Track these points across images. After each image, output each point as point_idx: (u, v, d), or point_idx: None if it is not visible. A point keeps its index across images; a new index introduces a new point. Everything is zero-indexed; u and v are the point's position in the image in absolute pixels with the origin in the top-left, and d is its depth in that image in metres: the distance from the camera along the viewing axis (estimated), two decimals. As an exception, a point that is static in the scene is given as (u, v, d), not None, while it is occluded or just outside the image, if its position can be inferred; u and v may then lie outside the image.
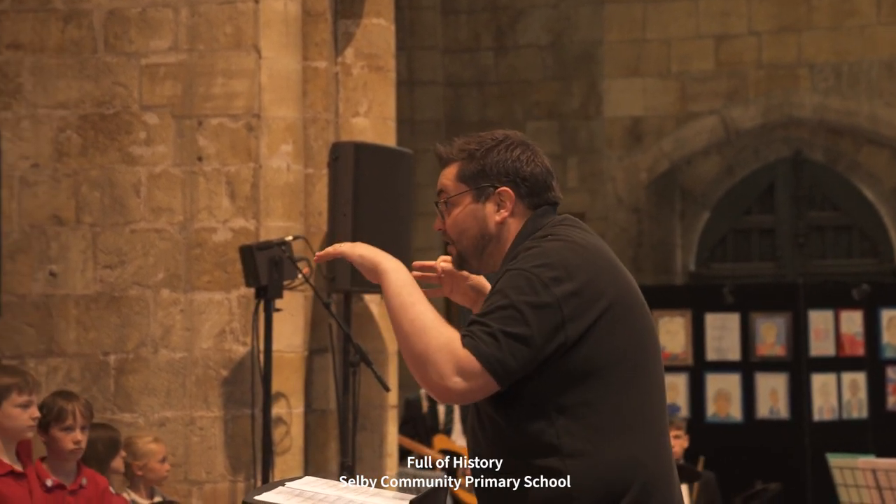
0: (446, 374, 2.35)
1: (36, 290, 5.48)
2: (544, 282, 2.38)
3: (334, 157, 5.37)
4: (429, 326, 2.39)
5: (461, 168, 2.57)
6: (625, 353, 2.43)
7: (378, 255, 2.53)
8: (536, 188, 2.56)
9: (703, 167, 9.93)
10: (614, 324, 2.42)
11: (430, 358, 2.36)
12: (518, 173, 2.55)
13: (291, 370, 5.46)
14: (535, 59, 9.98)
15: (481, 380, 2.36)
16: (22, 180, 5.53)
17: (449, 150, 2.60)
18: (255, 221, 5.41)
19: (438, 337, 2.38)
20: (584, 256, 2.44)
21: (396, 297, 2.44)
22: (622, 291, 2.46)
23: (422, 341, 2.38)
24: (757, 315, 8.45)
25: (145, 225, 5.47)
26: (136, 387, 5.40)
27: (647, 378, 2.47)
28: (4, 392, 4.07)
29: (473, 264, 2.58)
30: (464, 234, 2.56)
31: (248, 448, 5.30)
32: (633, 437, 2.41)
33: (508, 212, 2.55)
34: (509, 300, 2.38)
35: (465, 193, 2.56)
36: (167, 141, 5.47)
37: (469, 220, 2.55)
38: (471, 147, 2.57)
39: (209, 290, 5.42)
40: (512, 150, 2.56)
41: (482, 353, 2.36)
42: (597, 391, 2.40)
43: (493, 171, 2.55)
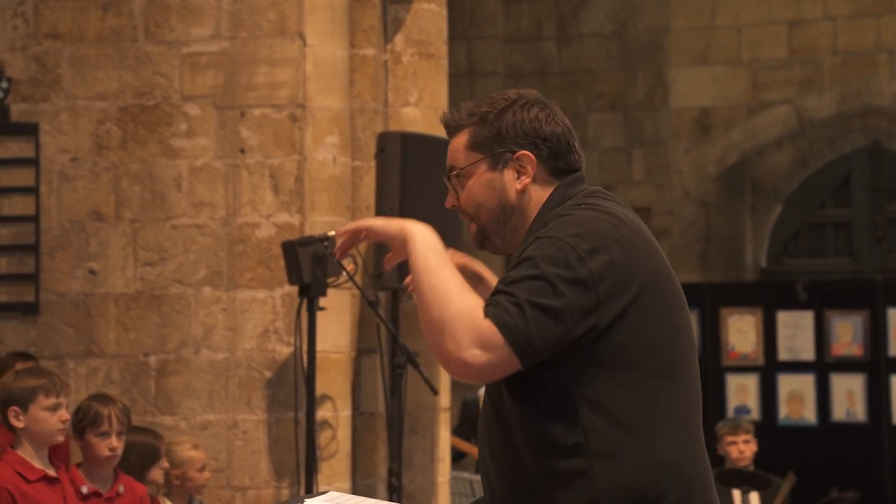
0: (463, 343, 2.08)
1: (75, 288, 5.30)
2: (580, 254, 2.11)
3: (381, 147, 5.12)
4: (450, 291, 2.12)
5: (473, 134, 2.28)
6: (660, 342, 2.15)
7: (404, 221, 2.28)
8: (559, 150, 2.28)
9: (775, 159, 9.54)
10: (649, 308, 2.14)
11: (448, 325, 2.09)
12: (538, 134, 2.26)
13: (338, 371, 5.23)
14: (599, 49, 9.67)
15: (502, 354, 2.08)
16: (61, 174, 5.35)
17: (457, 116, 2.31)
18: (300, 216, 5.19)
19: (459, 303, 2.11)
20: (620, 230, 2.17)
21: (421, 260, 2.18)
22: (659, 273, 2.18)
23: (441, 306, 2.10)
24: (832, 313, 8.09)
25: (186, 220, 5.26)
26: (178, 389, 5.20)
27: (682, 372, 2.19)
28: (31, 395, 3.89)
29: (496, 241, 2.30)
30: (481, 207, 2.28)
31: (293, 453, 5.07)
32: (668, 437, 2.13)
33: (530, 178, 2.27)
34: (539, 270, 2.10)
35: (479, 162, 2.27)
36: (209, 133, 5.26)
37: (486, 190, 2.27)
38: (482, 110, 2.28)
39: (252, 287, 5.20)
40: (529, 109, 2.27)
41: (505, 323, 2.08)
42: (629, 384, 2.12)
43: (509, 133, 2.26)
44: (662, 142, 9.45)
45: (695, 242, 9.33)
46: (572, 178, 2.29)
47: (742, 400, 8.13)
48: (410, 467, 5.30)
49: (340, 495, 2.45)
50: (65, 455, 4.78)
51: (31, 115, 5.37)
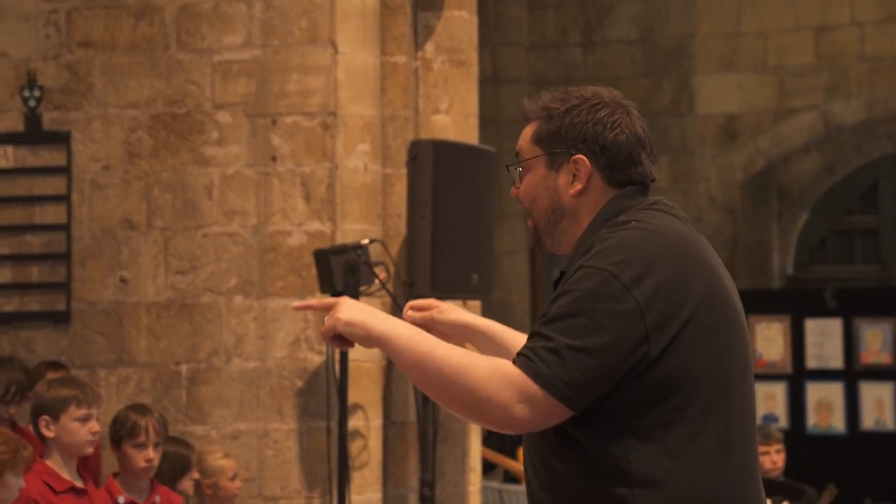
0: (508, 403, 2.01)
1: (106, 297, 5.30)
2: (625, 284, 2.02)
3: (412, 155, 5.11)
4: (462, 365, 2.03)
5: (538, 128, 2.20)
6: (712, 368, 2.06)
7: (367, 317, 2.15)
8: (618, 161, 2.16)
9: (801, 165, 9.49)
10: (701, 332, 2.05)
11: (482, 394, 2.01)
12: (598, 140, 2.16)
13: (369, 380, 5.21)
14: (625, 55, 9.63)
15: (545, 405, 2.00)
16: (92, 183, 5.35)
17: (532, 105, 2.23)
18: (332, 224, 5.17)
19: (479, 370, 2.03)
20: (669, 250, 2.07)
21: (409, 354, 2.08)
22: (712, 292, 2.09)
23: (463, 383, 2.02)
24: (861, 320, 8.04)
25: (218, 229, 5.25)
26: (209, 398, 5.19)
27: (734, 397, 2.10)
28: (62, 405, 3.87)
29: (546, 241, 2.23)
30: (535, 203, 2.21)
31: (324, 462, 5.05)
32: (717, 467, 2.06)
33: (582, 185, 2.17)
34: (579, 306, 2.01)
35: (538, 158, 2.20)
36: (240, 141, 5.25)
37: (540, 188, 2.20)
38: (552, 105, 2.20)
39: (283, 296, 5.18)
40: (596, 112, 2.17)
41: (542, 376, 2.00)
42: (676, 412, 2.04)
43: (569, 134, 2.16)
44: (688, 148, 9.40)
45: (721, 249, 9.28)
46: (630, 190, 2.19)
47: (770, 408, 8.08)
48: (442, 477, 5.27)
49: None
50: (95, 467, 4.77)
51: (63, 123, 5.37)
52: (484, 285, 5.05)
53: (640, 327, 2.02)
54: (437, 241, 4.93)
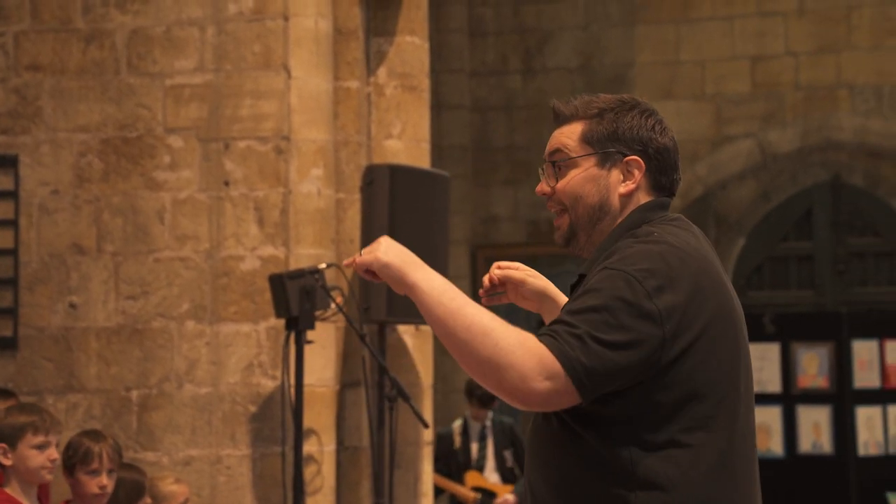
0: (530, 374, 2.03)
1: (55, 322, 5.23)
2: (647, 290, 2.07)
3: (368, 180, 5.12)
4: (491, 327, 2.06)
5: (588, 127, 2.24)
6: (720, 382, 2.13)
7: (404, 263, 2.18)
8: (666, 165, 2.24)
9: (738, 192, 9.65)
10: (712, 345, 2.12)
11: (505, 360, 2.04)
12: (651, 143, 2.23)
13: (323, 405, 5.19)
14: (565, 82, 9.74)
15: (563, 385, 2.04)
16: (41, 207, 5.29)
17: (571, 106, 2.28)
18: (285, 249, 5.16)
19: (507, 336, 2.06)
20: (689, 266, 2.12)
21: (439, 308, 2.10)
22: (723, 310, 2.15)
23: (489, 344, 2.05)
24: (798, 345, 8.18)
25: (170, 253, 5.22)
26: (160, 424, 5.14)
27: (739, 412, 2.15)
28: (19, 432, 3.81)
29: (582, 239, 2.26)
30: (580, 200, 2.24)
31: (278, 488, 5.02)
32: (720, 477, 2.11)
33: (635, 184, 2.23)
34: (605, 302, 2.06)
35: (589, 156, 2.24)
36: (192, 165, 5.22)
37: (589, 185, 2.23)
38: (600, 106, 2.25)
39: (236, 321, 5.16)
40: (647, 118, 2.24)
41: (566, 355, 2.04)
42: (684, 421, 2.10)
43: (625, 136, 2.22)
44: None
45: (661, 275, 9.39)
46: (652, 203, 2.24)
47: (711, 431, 8.17)
48: (395, 502, 5.26)
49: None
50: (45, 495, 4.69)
51: (10, 147, 5.30)
52: (439, 310, 5.07)
53: (658, 333, 2.07)
54: (392, 266, 4.94)
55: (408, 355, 5.56)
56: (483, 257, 9.87)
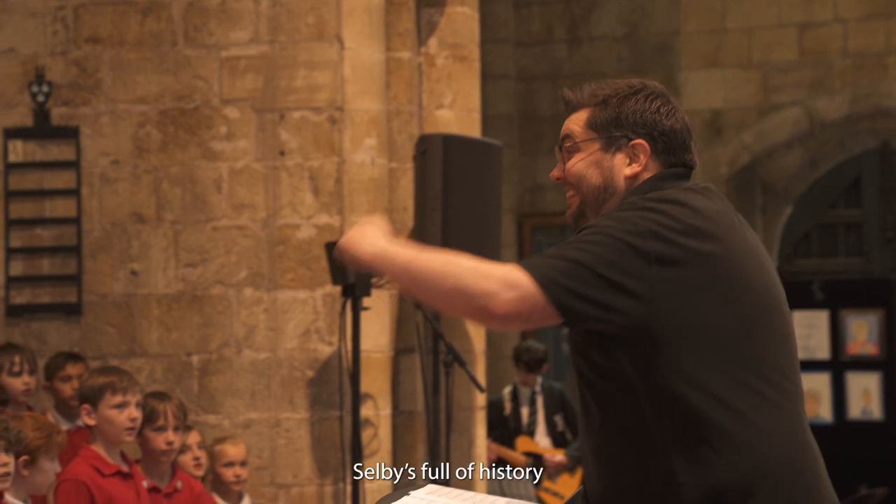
0: (493, 288, 2.12)
1: (117, 289, 5.36)
2: (641, 231, 2.14)
3: (421, 150, 5.19)
4: (446, 261, 2.17)
5: (592, 114, 2.34)
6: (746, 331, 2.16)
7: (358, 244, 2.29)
8: (673, 146, 2.32)
9: (785, 160, 9.64)
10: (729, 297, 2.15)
11: (467, 283, 2.13)
12: (656, 126, 2.31)
13: (378, 371, 5.30)
14: (610, 51, 9.75)
15: (531, 293, 2.11)
16: (102, 177, 5.41)
17: (579, 94, 2.37)
18: (340, 217, 5.25)
19: (464, 263, 2.16)
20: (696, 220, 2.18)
21: (396, 266, 2.22)
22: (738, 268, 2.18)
23: (448, 275, 2.15)
24: (847, 312, 8.19)
25: (227, 222, 5.33)
26: (220, 388, 5.26)
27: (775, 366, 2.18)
28: (99, 393, 3.97)
29: (590, 217, 2.33)
30: (583, 181, 2.33)
31: (336, 451, 5.14)
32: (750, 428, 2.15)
33: (641, 167, 2.31)
34: (593, 231, 2.17)
35: (592, 141, 2.33)
36: (248, 135, 5.32)
37: (592, 168, 2.32)
38: (605, 93, 2.34)
39: (293, 288, 5.26)
40: (651, 101, 2.32)
41: (533, 266, 2.13)
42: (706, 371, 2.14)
43: (628, 121, 2.31)
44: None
45: (708, 243, 9.41)
46: (669, 172, 2.31)
47: (758, 398, 8.22)
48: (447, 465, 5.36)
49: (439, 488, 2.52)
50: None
51: (71, 118, 5.42)
52: (492, 276, 5.15)
53: (644, 269, 2.12)
54: (446, 234, 5.03)
55: (460, 322, 5.64)
56: (529, 226, 9.93)
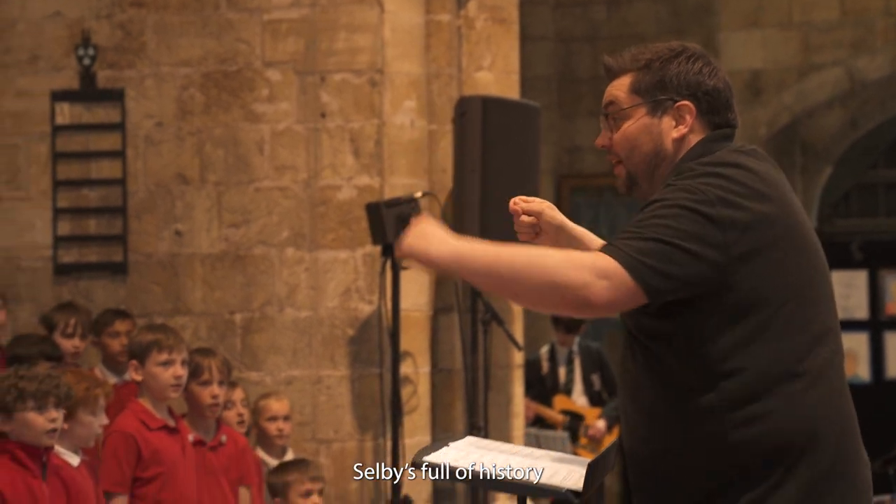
0: (586, 279, 2.12)
1: (162, 249, 5.48)
2: (711, 199, 2.17)
3: (461, 112, 5.25)
4: (535, 254, 2.17)
5: (636, 79, 2.35)
6: (794, 293, 2.21)
7: (427, 246, 2.26)
8: (718, 105, 2.34)
9: (825, 120, 9.60)
10: (782, 259, 2.20)
11: (558, 277, 2.13)
12: (700, 87, 2.33)
13: (417, 329, 5.39)
14: (649, 12, 9.72)
15: (623, 281, 2.13)
16: (147, 139, 5.52)
17: (620, 60, 2.39)
18: (380, 179, 5.33)
19: (552, 256, 2.17)
20: (752, 184, 2.22)
21: (475, 264, 2.20)
22: (793, 226, 2.24)
23: (536, 271, 2.14)
24: (887, 272, 8.20)
25: (269, 183, 5.42)
26: (263, 346, 5.38)
27: (819, 324, 2.24)
28: (146, 350, 4.08)
29: (644, 185, 2.37)
30: (635, 150, 2.35)
31: (376, 407, 5.25)
32: (805, 388, 2.20)
33: (687, 128, 2.33)
34: (665, 210, 2.17)
35: (638, 106, 2.34)
36: (290, 98, 5.40)
37: (642, 135, 2.34)
38: (647, 57, 2.36)
39: (334, 248, 5.36)
40: (693, 62, 2.34)
41: (621, 252, 2.13)
42: (765, 333, 2.19)
43: (672, 83, 2.33)
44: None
45: (747, 204, 9.40)
46: (717, 134, 2.34)
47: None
48: (488, 422, 5.45)
49: (479, 440, 2.60)
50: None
51: (116, 81, 5.52)
52: (530, 237, 5.22)
53: (719, 236, 2.16)
54: (485, 196, 5.10)
55: (498, 281, 5.72)
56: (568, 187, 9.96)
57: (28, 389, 3.45)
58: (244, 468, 4.43)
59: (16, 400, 3.44)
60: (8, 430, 3.48)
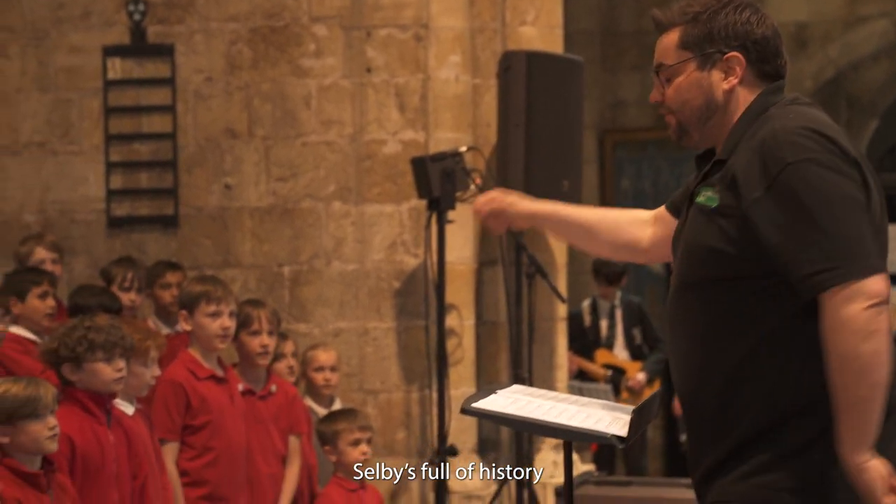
0: (870, 332, 2.15)
1: (212, 202, 5.58)
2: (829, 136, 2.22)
3: (505, 66, 5.29)
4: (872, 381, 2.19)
5: (684, 33, 2.38)
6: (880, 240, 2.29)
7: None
8: (767, 53, 2.37)
9: (871, 73, 9.53)
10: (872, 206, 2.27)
11: (874, 360, 2.17)
12: (748, 37, 2.36)
13: (462, 282, 5.47)
14: (694, -35, 9.65)
15: (875, 284, 2.17)
16: (196, 94, 5.60)
17: (669, 14, 2.41)
18: (425, 133, 5.39)
19: (868, 362, 2.18)
20: (844, 139, 2.27)
21: None
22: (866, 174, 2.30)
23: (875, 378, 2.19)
24: (931, 227, 8.16)
25: (316, 138, 5.50)
26: (311, 298, 5.48)
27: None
28: (195, 301, 4.17)
29: (695, 136, 2.42)
30: (686, 103, 2.39)
31: (422, 358, 5.34)
32: None
33: (738, 79, 2.37)
34: (809, 186, 2.19)
35: (688, 61, 2.38)
36: (336, 53, 5.46)
37: (693, 89, 2.38)
38: (694, 10, 2.38)
39: (380, 202, 5.44)
40: (741, 12, 2.37)
41: (840, 271, 2.17)
42: None
43: (720, 35, 2.36)
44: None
45: (790, 158, 9.36)
46: (774, 87, 2.38)
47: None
48: (532, 374, 5.53)
49: (525, 388, 2.68)
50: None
51: (167, 36, 5.60)
52: (574, 191, 5.27)
53: (858, 176, 2.24)
54: (529, 150, 5.14)
55: (542, 235, 5.78)
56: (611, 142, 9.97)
57: (97, 341, 3.56)
58: (293, 417, 4.53)
59: (86, 351, 3.55)
60: (76, 379, 3.59)
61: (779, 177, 2.23)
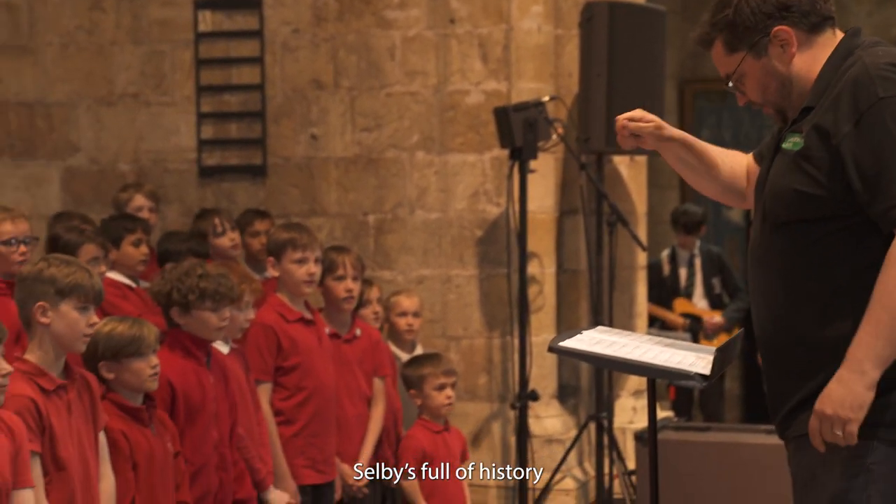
0: None
1: (299, 152, 5.71)
2: None
3: (587, 16, 5.32)
4: None
5: (724, 41, 2.51)
6: None
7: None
8: (804, 7, 2.46)
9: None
10: None
11: None
12: (778, 6, 2.46)
13: (544, 231, 5.55)
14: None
15: None
16: (284, 45, 5.72)
17: (703, 32, 2.54)
18: (507, 83, 5.46)
19: None
20: None
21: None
22: None
23: None
24: None
25: (400, 88, 5.59)
26: (395, 246, 5.60)
27: None
28: (282, 248, 4.28)
29: (789, 112, 2.51)
30: (767, 92, 2.51)
31: (503, 306, 5.45)
32: None
33: (794, 46, 2.47)
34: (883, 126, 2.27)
35: (744, 59, 2.49)
36: (420, 4, 5.54)
37: (764, 77, 2.50)
38: (720, 16, 2.49)
39: (463, 151, 5.53)
40: None
41: None
42: None
43: (753, 22, 2.47)
44: (843, 5, 9.35)
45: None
46: (850, 32, 2.47)
47: None
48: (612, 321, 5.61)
49: (609, 329, 2.77)
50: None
51: (254, -11, 5.72)
52: (655, 140, 5.30)
53: None
54: (611, 99, 5.19)
55: (623, 185, 5.83)
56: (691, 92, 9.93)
57: (208, 290, 3.69)
58: (378, 360, 4.65)
59: (197, 299, 3.69)
60: (182, 322, 3.74)
61: (869, 110, 2.30)
